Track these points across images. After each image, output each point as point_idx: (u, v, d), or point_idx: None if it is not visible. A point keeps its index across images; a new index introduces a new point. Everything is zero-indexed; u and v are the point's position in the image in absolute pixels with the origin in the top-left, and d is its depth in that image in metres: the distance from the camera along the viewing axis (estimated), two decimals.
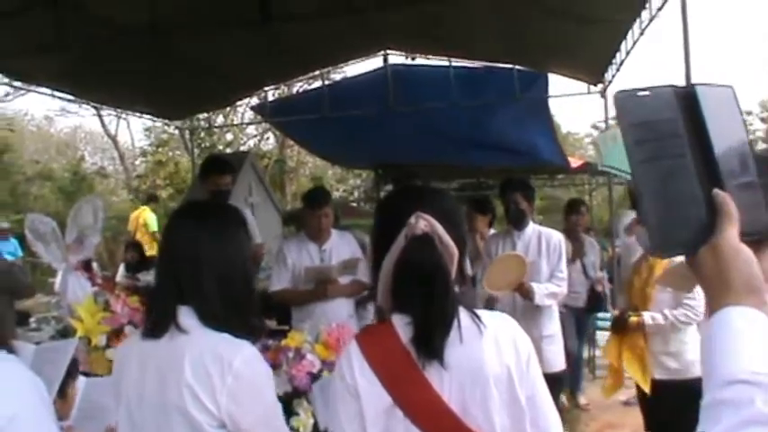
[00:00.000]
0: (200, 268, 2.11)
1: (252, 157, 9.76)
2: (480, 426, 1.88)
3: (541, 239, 5.36)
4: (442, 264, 1.91)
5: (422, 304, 1.89)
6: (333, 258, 5.30)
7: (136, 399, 2.14)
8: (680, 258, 3.90)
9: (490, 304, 5.07)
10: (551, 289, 5.23)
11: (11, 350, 2.21)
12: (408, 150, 11.15)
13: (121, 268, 9.88)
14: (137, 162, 25.01)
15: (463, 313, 1.93)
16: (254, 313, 2.21)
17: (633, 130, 1.04)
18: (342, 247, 5.39)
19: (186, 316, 2.10)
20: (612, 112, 11.43)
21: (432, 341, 1.87)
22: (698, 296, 4.45)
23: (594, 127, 25.60)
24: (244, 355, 2.07)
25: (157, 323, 2.14)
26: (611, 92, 10.45)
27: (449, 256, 1.93)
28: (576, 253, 6.86)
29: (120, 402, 2.19)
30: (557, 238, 5.41)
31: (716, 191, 1.06)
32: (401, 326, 1.92)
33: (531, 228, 5.44)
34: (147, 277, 8.80)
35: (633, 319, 4.57)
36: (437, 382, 1.88)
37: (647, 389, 4.52)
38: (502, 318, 2.03)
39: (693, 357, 4.54)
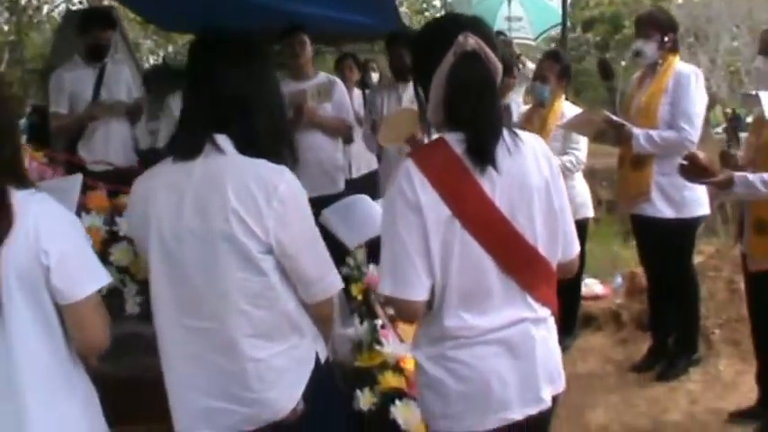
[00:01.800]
0: (247, 98, 2.09)
1: (117, 13, 9.07)
2: (525, 230, 2.08)
3: None
4: (490, 78, 2.06)
5: (473, 116, 2.02)
6: None
7: (170, 229, 2.08)
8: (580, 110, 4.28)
9: None
10: None
11: (38, 189, 2.11)
12: (234, 13, 10.60)
13: None
14: None
15: (504, 129, 2.10)
16: (288, 142, 2.21)
17: None
18: None
19: (223, 142, 2.07)
20: None
21: (485, 149, 2.02)
22: (582, 146, 4.99)
23: None
24: (287, 180, 2.08)
25: (191, 144, 2.08)
26: None
27: (495, 71, 2.08)
28: None
29: (150, 235, 2.11)
30: None
31: None
32: (454, 142, 2.05)
33: None
34: None
35: None
36: (490, 189, 2.04)
37: None
38: (534, 136, 2.22)
39: (582, 200, 5.10)
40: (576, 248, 2.27)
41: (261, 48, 2.24)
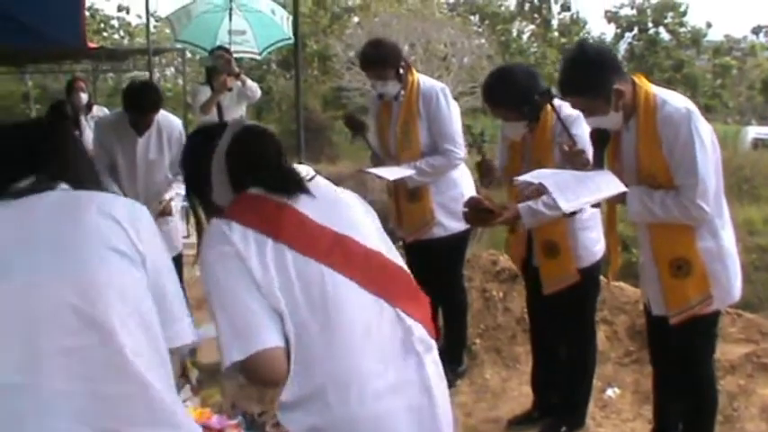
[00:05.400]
0: None
1: None
2: (351, 236, 2.09)
3: None
4: (271, 132, 2.26)
5: (275, 164, 2.12)
6: None
7: None
8: None
9: None
10: None
11: None
12: None
13: None
14: None
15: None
16: None
17: None
18: None
19: None
20: None
21: (296, 180, 2.10)
22: None
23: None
24: None
25: None
26: None
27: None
28: None
29: None
30: None
31: None
32: (255, 191, 2.08)
33: None
34: None
35: None
36: (304, 209, 2.06)
37: None
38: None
39: None
40: None
41: None
